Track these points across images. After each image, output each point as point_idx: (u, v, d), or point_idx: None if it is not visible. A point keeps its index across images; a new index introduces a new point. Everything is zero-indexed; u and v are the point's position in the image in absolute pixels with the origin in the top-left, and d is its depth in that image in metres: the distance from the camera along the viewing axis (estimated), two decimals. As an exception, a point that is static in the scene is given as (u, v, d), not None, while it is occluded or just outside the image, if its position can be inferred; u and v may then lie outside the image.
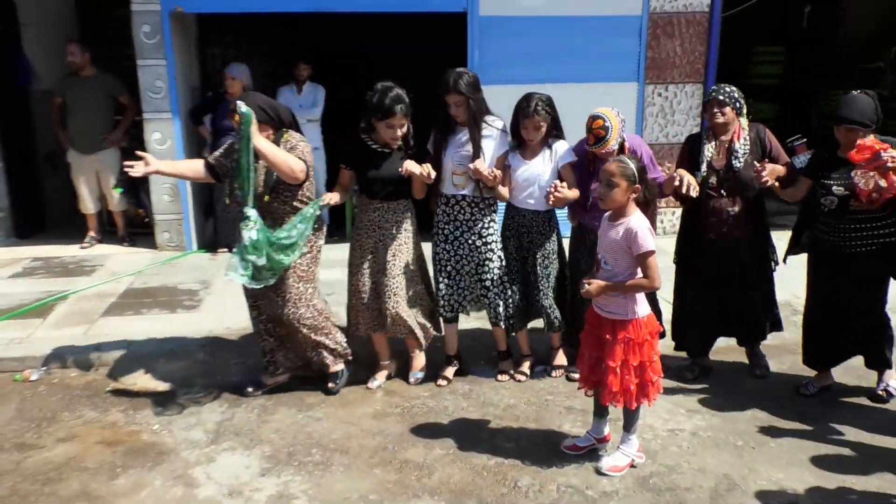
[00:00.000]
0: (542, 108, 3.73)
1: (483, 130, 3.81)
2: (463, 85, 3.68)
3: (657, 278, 3.00)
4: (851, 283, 3.65)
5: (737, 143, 3.80)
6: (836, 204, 3.56)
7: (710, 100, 3.81)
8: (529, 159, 3.87)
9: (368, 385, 4.02)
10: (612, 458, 3.22)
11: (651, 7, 6.49)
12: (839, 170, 3.55)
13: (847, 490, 3.03)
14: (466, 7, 6.26)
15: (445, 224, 3.96)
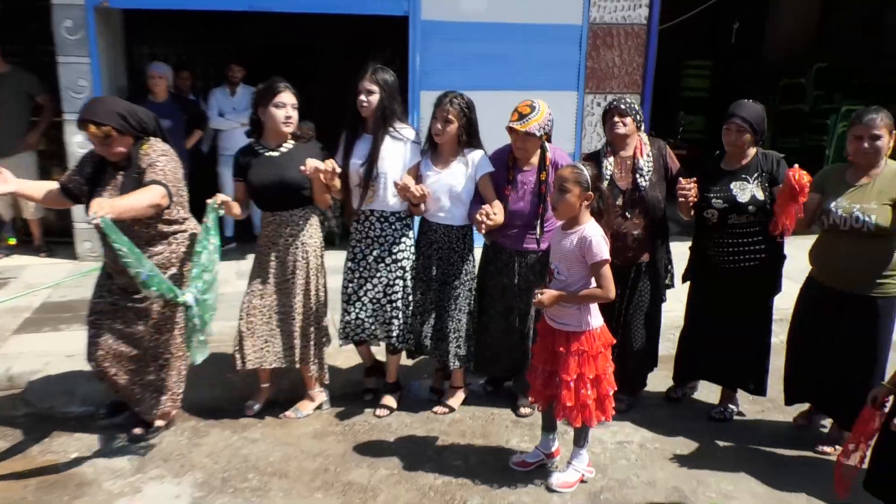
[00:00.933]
0: (456, 103, 3.44)
1: (390, 136, 3.51)
2: (379, 75, 3.44)
3: (611, 288, 2.94)
4: (730, 302, 3.55)
5: (640, 159, 3.56)
6: (716, 217, 3.46)
7: (609, 109, 3.56)
8: (441, 168, 3.55)
9: (248, 410, 3.69)
10: (562, 474, 3.14)
11: (591, 17, 6.53)
12: (719, 182, 3.47)
13: (795, 500, 3.05)
14: (408, 11, 6.15)
15: (357, 242, 3.64)
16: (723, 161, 3.56)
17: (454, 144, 3.54)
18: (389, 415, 3.75)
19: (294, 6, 6.05)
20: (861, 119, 3.12)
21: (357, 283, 3.63)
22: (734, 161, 3.51)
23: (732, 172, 3.47)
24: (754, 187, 3.42)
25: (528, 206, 3.53)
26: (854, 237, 3.14)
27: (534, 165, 3.54)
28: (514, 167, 3.57)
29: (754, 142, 3.46)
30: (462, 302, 3.65)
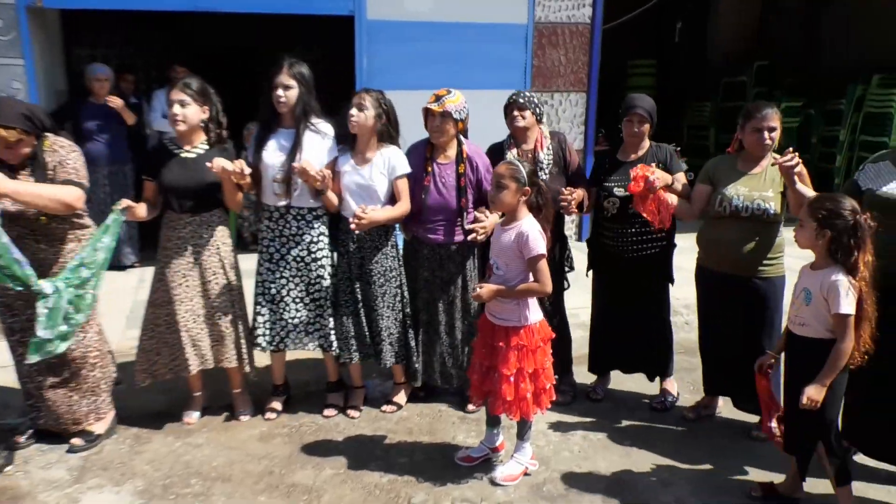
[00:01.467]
0: (373, 93, 3.44)
1: (310, 131, 3.46)
2: (296, 69, 3.40)
3: (548, 283, 2.99)
4: (634, 290, 3.70)
5: (540, 152, 3.64)
6: (617, 206, 3.59)
7: (509, 104, 3.64)
8: (360, 164, 3.51)
9: (187, 421, 3.61)
10: (505, 467, 3.19)
11: (536, 17, 6.62)
12: (618, 171, 3.62)
13: (732, 481, 3.15)
14: (353, 10, 6.13)
15: (270, 241, 3.54)
16: (619, 152, 3.71)
17: (372, 138, 3.49)
18: (337, 414, 3.74)
19: (237, 6, 5.99)
20: (758, 113, 3.27)
21: (280, 284, 3.54)
22: (631, 152, 3.66)
23: (630, 163, 3.59)
24: None
25: (449, 200, 3.56)
26: (750, 223, 3.28)
27: (451, 159, 3.58)
28: (431, 158, 3.58)
29: (650, 132, 3.62)
30: (390, 299, 3.63)
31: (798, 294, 2.81)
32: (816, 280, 2.72)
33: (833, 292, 2.64)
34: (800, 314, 2.79)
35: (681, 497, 3.04)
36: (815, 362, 2.69)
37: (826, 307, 2.68)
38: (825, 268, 2.71)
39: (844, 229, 2.62)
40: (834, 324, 2.68)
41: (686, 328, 4.71)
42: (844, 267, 2.65)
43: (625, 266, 3.68)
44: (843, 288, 2.63)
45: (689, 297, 3.92)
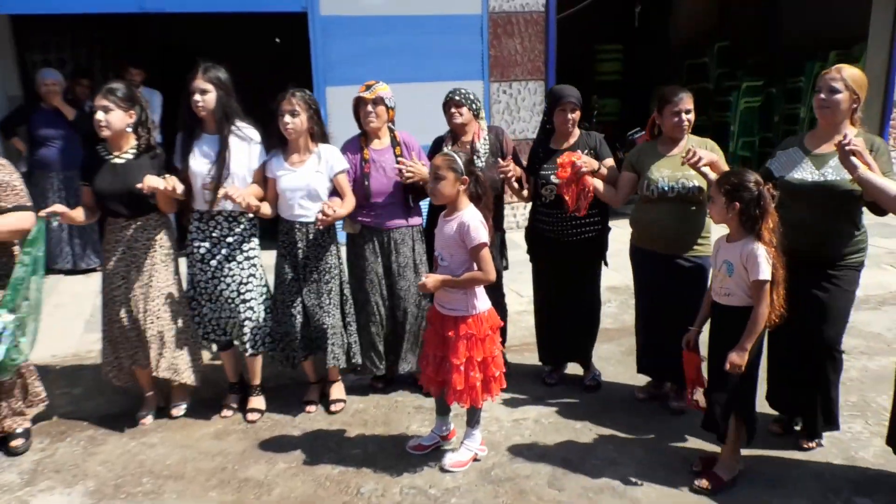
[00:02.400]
0: (299, 95, 3.45)
1: (234, 135, 3.46)
2: (211, 73, 3.38)
3: (491, 271, 3.03)
4: (570, 274, 3.81)
5: (477, 142, 3.79)
6: (555, 193, 3.66)
7: (447, 101, 3.76)
8: (295, 166, 3.50)
9: (141, 421, 3.64)
10: (455, 454, 3.24)
11: (490, 7, 6.64)
12: (552, 159, 3.67)
13: (677, 459, 3.22)
14: (306, 7, 6.13)
15: (201, 242, 3.52)
16: (552, 141, 3.79)
17: (306, 139, 3.52)
18: (262, 416, 3.72)
19: (188, 6, 5.96)
20: (674, 97, 3.36)
21: (212, 283, 3.55)
22: (563, 140, 3.76)
23: (563, 151, 3.68)
24: None
25: (390, 182, 3.65)
26: (679, 203, 3.39)
27: (386, 144, 3.70)
28: (367, 146, 3.68)
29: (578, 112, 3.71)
30: (335, 297, 3.65)
31: (720, 267, 2.94)
32: (735, 251, 2.86)
33: (752, 261, 2.79)
34: (724, 285, 2.93)
35: (626, 475, 3.11)
36: (738, 329, 2.84)
37: (746, 275, 2.82)
38: (740, 239, 2.86)
39: (751, 200, 2.78)
40: (752, 290, 2.83)
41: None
42: (756, 235, 2.80)
43: (563, 250, 3.77)
44: (762, 256, 2.78)
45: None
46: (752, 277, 2.80)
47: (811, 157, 3.07)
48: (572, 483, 3.07)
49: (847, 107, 2.98)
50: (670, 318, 3.41)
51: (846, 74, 2.97)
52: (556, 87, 3.77)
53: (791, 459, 3.20)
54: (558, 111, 3.67)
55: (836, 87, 2.96)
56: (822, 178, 3.00)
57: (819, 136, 3.10)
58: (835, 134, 2.97)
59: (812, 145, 3.10)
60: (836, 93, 2.96)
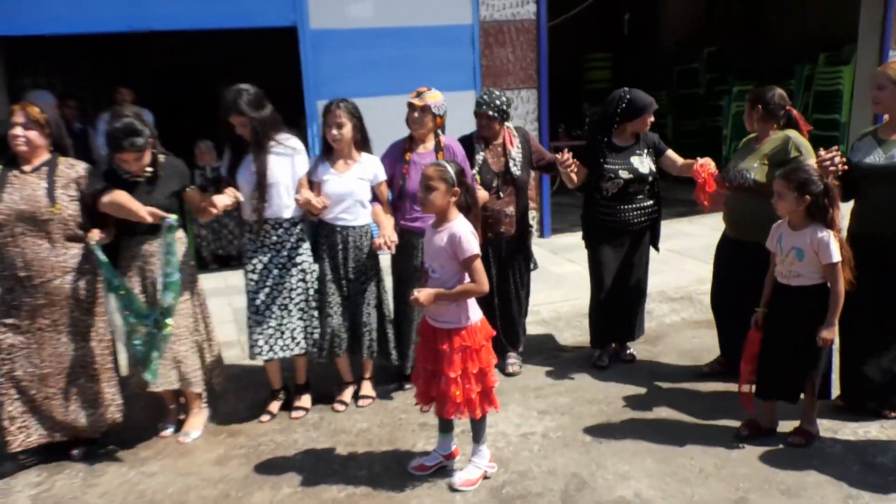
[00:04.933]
0: (343, 106, 3.63)
1: (274, 150, 3.60)
2: (243, 105, 3.47)
3: (484, 282, 2.98)
4: (628, 259, 4.15)
5: (512, 149, 4.04)
6: (619, 187, 3.98)
7: (479, 113, 3.98)
8: (340, 171, 3.70)
9: (162, 433, 3.70)
10: (464, 472, 3.16)
11: (481, 16, 6.62)
12: (620, 154, 3.98)
13: (689, 472, 3.15)
14: (295, 21, 6.09)
15: (254, 253, 3.69)
16: (616, 137, 4.05)
17: (350, 147, 3.70)
18: (306, 414, 3.87)
19: (176, 24, 5.91)
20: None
21: (265, 294, 3.67)
22: (627, 138, 4.06)
23: (628, 148, 4.02)
24: (648, 161, 4.05)
25: None
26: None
27: (429, 149, 3.85)
28: (410, 150, 3.86)
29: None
30: (371, 296, 3.83)
31: (788, 252, 3.17)
32: (804, 238, 3.12)
33: (823, 246, 3.06)
34: (794, 269, 3.17)
35: (639, 490, 3.04)
36: (810, 306, 3.14)
37: (817, 259, 3.08)
38: (806, 227, 3.12)
39: (820, 193, 3.04)
40: (826, 272, 3.10)
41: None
42: (824, 223, 3.07)
43: (623, 238, 4.11)
44: (832, 242, 3.05)
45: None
46: (824, 261, 3.06)
47: (883, 144, 3.33)
48: (586, 500, 3.00)
49: (895, 100, 3.27)
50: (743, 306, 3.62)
51: (891, 70, 3.29)
52: (641, 95, 4.00)
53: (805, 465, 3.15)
54: (645, 118, 3.98)
55: (882, 82, 3.29)
56: (890, 160, 3.26)
57: (890, 126, 3.37)
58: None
59: (885, 134, 3.37)
60: (882, 89, 3.30)
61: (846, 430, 3.41)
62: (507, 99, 4.00)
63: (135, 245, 3.46)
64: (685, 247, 6.32)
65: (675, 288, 5.39)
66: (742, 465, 3.16)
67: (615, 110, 4.01)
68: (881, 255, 3.30)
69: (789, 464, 3.15)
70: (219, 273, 6.53)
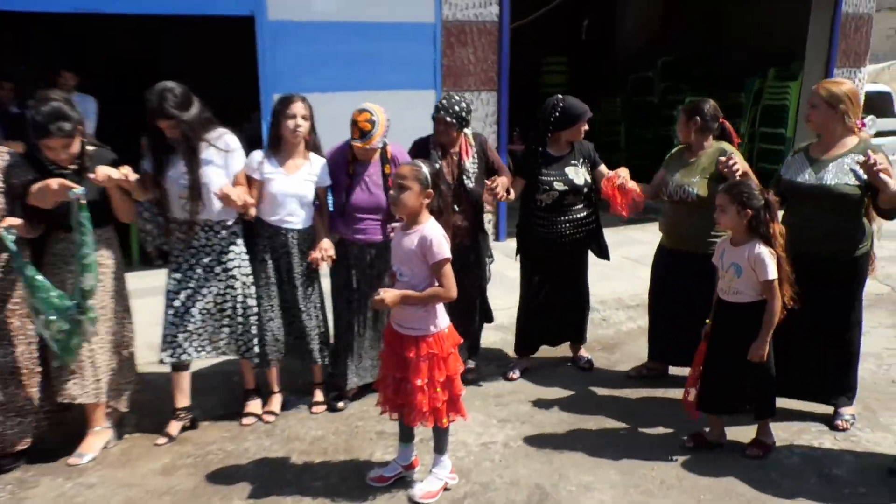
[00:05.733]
0: (305, 104, 3.50)
1: (207, 152, 3.36)
2: (170, 107, 3.21)
3: (453, 287, 2.89)
4: (562, 269, 4.08)
5: (466, 161, 3.85)
6: (554, 198, 3.89)
7: (437, 118, 3.76)
8: (288, 171, 3.53)
9: (70, 462, 3.30)
10: (425, 483, 3.06)
11: (444, 15, 6.53)
12: (553, 165, 3.91)
13: (652, 482, 3.13)
14: (253, 11, 5.87)
15: (180, 252, 3.46)
16: (550, 148, 3.96)
17: (302, 146, 3.56)
18: (256, 421, 3.71)
19: (127, 7, 5.63)
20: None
21: (186, 296, 3.43)
22: (562, 148, 3.98)
23: (563, 157, 3.95)
24: (584, 171, 3.98)
25: (378, 199, 3.62)
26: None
27: (375, 160, 3.65)
28: (354, 160, 3.64)
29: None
30: (315, 300, 3.71)
31: (727, 269, 3.17)
32: (742, 254, 3.11)
33: (760, 263, 3.05)
34: (733, 286, 3.17)
35: (602, 501, 3.00)
36: (748, 323, 3.12)
37: (755, 276, 3.07)
38: (746, 242, 3.11)
39: (761, 207, 3.06)
40: (763, 289, 3.09)
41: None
42: (764, 238, 3.07)
43: (557, 250, 4.01)
44: (768, 258, 3.04)
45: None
46: (761, 278, 3.06)
47: (813, 163, 3.35)
48: (549, 512, 2.95)
49: (832, 119, 3.28)
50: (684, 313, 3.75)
51: (822, 90, 3.30)
52: (575, 103, 3.92)
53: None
54: (578, 126, 3.88)
55: (813, 101, 3.33)
56: (818, 181, 3.28)
57: (822, 144, 3.39)
58: (834, 143, 3.32)
59: (816, 153, 3.39)
60: (814, 107, 3.33)
61: (801, 442, 3.45)
62: (467, 105, 3.80)
63: (55, 244, 3.25)
64: (640, 254, 6.35)
65: (631, 295, 5.40)
66: (703, 476, 3.16)
67: (549, 118, 3.90)
68: (810, 274, 3.23)
69: (749, 476, 3.16)
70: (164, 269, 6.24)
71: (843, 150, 3.29)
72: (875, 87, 10.91)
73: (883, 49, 8.49)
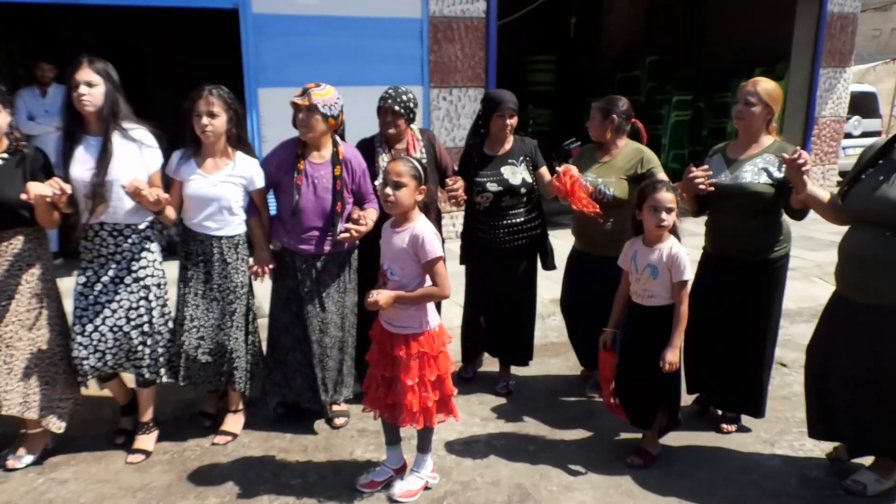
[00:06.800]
0: (217, 93, 3.13)
1: (122, 136, 3.03)
2: (98, 65, 2.97)
3: (446, 285, 2.85)
4: (505, 277, 3.80)
5: (414, 153, 3.59)
6: (490, 201, 3.66)
7: (383, 108, 3.54)
8: (209, 171, 3.20)
9: (7, 462, 3.17)
10: (405, 482, 3.03)
11: (431, 11, 6.49)
12: (489, 166, 3.67)
13: (626, 482, 3.11)
14: (237, 4, 5.80)
15: (89, 262, 3.11)
16: (486, 147, 3.76)
17: (223, 143, 3.22)
18: (146, 459, 3.29)
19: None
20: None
21: (94, 311, 3.10)
22: (498, 146, 3.73)
23: (500, 157, 3.70)
24: (523, 170, 3.70)
25: (325, 204, 3.32)
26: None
27: (326, 159, 3.34)
28: (303, 156, 3.32)
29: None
30: (240, 318, 3.33)
31: (643, 270, 3.07)
32: (657, 255, 3.03)
33: (676, 263, 2.99)
34: (648, 288, 3.07)
35: (583, 502, 2.97)
36: (662, 328, 3.02)
37: (670, 277, 3.00)
38: (660, 242, 3.04)
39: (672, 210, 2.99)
40: (675, 290, 3.01)
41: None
42: (677, 237, 3.04)
43: (498, 256, 3.75)
44: (685, 258, 2.99)
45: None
46: (675, 279, 2.99)
47: (731, 163, 3.28)
48: (529, 512, 2.92)
49: (761, 119, 3.20)
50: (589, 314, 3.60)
51: (761, 88, 3.17)
52: (493, 93, 3.71)
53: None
54: (496, 117, 3.62)
55: (751, 100, 3.19)
56: (734, 181, 3.21)
57: (739, 144, 3.31)
58: (752, 143, 3.25)
59: (733, 153, 3.31)
60: (751, 105, 3.19)
61: (783, 443, 3.45)
62: (413, 97, 3.59)
63: None
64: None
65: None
66: (683, 478, 3.14)
67: (479, 113, 3.76)
68: (729, 275, 3.27)
69: (730, 477, 3.15)
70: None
71: (759, 150, 3.24)
72: (860, 88, 11.00)
73: (868, 49, 8.52)
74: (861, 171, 2.84)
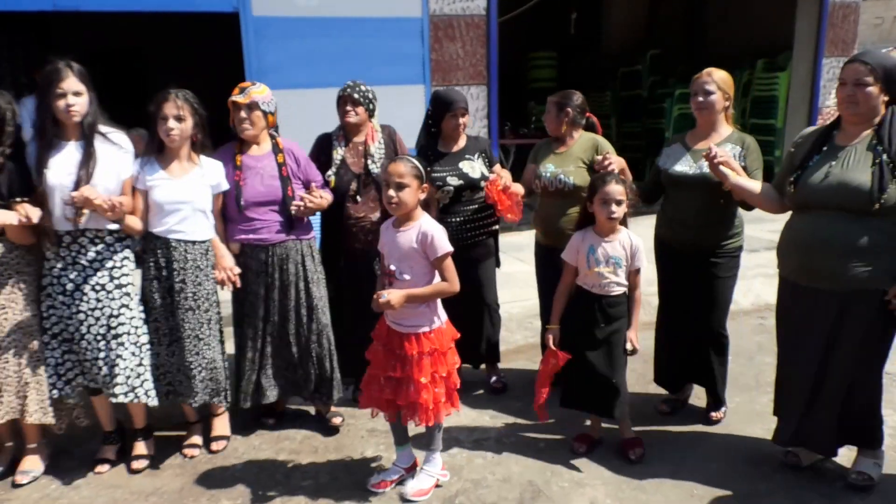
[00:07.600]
0: (182, 96, 3.10)
1: (102, 142, 3.02)
2: (83, 74, 2.95)
3: (456, 280, 2.85)
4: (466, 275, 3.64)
5: (372, 145, 3.60)
6: (450, 196, 3.69)
7: (343, 97, 3.55)
8: (178, 176, 3.14)
9: (16, 480, 3.12)
10: (416, 481, 3.03)
11: (430, 9, 6.48)
12: (444, 161, 3.71)
13: (637, 477, 3.11)
14: (237, 7, 5.80)
15: (62, 271, 3.00)
16: (440, 144, 3.79)
17: (187, 148, 3.18)
18: (149, 463, 3.28)
19: (107, 4, 5.54)
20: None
21: (77, 321, 3.02)
22: (451, 143, 3.78)
23: (455, 154, 3.75)
24: (480, 165, 3.78)
25: (274, 191, 3.33)
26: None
27: (266, 150, 3.38)
28: (241, 153, 3.35)
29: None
30: (213, 327, 3.29)
31: (607, 262, 3.11)
32: (616, 246, 3.12)
33: (638, 253, 3.12)
34: (613, 279, 3.12)
35: (595, 498, 2.97)
36: (622, 315, 3.15)
37: (629, 265, 3.13)
38: (616, 233, 3.13)
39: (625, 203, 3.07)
40: (633, 277, 3.17)
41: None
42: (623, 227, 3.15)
43: (459, 253, 3.63)
44: (643, 247, 3.14)
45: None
46: (636, 266, 3.13)
47: (691, 152, 3.33)
48: (541, 508, 2.92)
49: (721, 106, 3.26)
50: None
51: (716, 77, 3.25)
52: (444, 92, 3.79)
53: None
54: (449, 117, 3.68)
55: (709, 89, 3.25)
56: (699, 170, 3.24)
57: (698, 133, 3.38)
58: (712, 131, 3.32)
59: (693, 142, 3.37)
60: (710, 94, 3.25)
61: (794, 434, 3.43)
62: (373, 91, 3.59)
63: None
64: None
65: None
66: (695, 471, 3.13)
67: (428, 111, 3.79)
68: (687, 261, 3.35)
69: (742, 470, 3.14)
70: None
71: (719, 140, 3.27)
72: (863, 78, 10.93)
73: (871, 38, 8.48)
74: (807, 159, 2.86)
